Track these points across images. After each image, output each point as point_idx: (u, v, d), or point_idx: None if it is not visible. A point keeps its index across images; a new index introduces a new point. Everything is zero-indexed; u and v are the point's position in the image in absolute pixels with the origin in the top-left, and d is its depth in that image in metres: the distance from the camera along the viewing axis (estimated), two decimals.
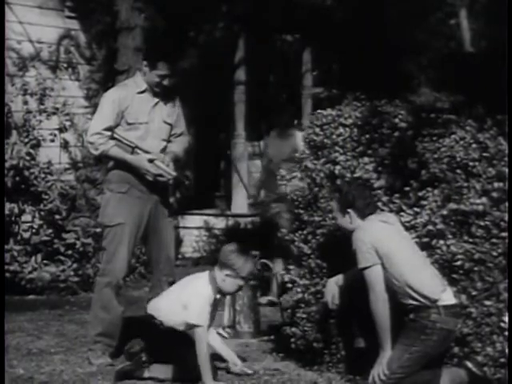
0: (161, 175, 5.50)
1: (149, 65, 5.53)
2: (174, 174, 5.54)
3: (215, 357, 5.15)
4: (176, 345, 5.01)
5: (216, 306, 5.23)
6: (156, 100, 5.59)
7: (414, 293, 4.68)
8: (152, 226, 5.61)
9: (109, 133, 5.49)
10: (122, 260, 5.48)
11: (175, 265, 5.85)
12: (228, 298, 6.11)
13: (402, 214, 5.07)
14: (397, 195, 5.17)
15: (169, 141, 5.67)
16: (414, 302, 4.69)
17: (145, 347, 5.07)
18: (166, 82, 5.54)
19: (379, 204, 5.15)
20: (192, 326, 4.94)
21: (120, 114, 5.51)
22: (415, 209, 5.05)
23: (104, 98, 5.66)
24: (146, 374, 5.03)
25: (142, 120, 5.54)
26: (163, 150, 5.61)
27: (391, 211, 5.11)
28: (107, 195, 5.62)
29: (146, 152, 5.49)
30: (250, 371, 5.22)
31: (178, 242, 10.38)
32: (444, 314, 4.65)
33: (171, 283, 5.48)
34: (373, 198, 5.07)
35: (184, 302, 4.98)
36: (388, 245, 4.77)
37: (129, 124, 5.52)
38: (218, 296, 5.11)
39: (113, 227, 5.50)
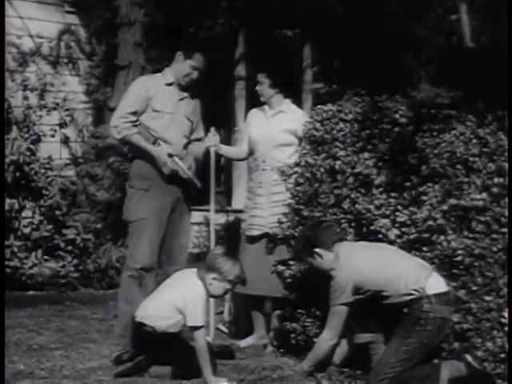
0: (176, 172, 5.50)
1: (184, 54, 5.54)
2: (190, 174, 5.54)
3: (214, 354, 5.15)
4: (172, 345, 5.01)
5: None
6: (183, 95, 5.61)
7: (402, 289, 4.73)
8: (171, 219, 5.59)
9: (133, 117, 5.48)
10: (144, 254, 5.47)
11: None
12: (229, 293, 6.10)
13: (398, 213, 5.07)
14: (393, 194, 5.17)
15: (189, 141, 5.67)
16: (406, 297, 4.72)
17: (141, 352, 5.08)
18: (195, 76, 5.56)
19: (376, 203, 5.15)
20: (187, 326, 4.95)
21: (146, 101, 5.51)
22: (411, 208, 5.05)
23: (132, 84, 5.72)
24: (147, 376, 5.03)
25: (167, 109, 5.54)
26: (185, 147, 5.61)
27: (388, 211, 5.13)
28: (130, 192, 5.62)
29: (169, 143, 5.49)
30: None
31: None
32: (436, 303, 4.68)
33: None
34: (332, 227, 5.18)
35: (179, 306, 4.96)
36: (364, 273, 4.83)
37: (154, 111, 5.52)
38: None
39: (135, 222, 5.52)
